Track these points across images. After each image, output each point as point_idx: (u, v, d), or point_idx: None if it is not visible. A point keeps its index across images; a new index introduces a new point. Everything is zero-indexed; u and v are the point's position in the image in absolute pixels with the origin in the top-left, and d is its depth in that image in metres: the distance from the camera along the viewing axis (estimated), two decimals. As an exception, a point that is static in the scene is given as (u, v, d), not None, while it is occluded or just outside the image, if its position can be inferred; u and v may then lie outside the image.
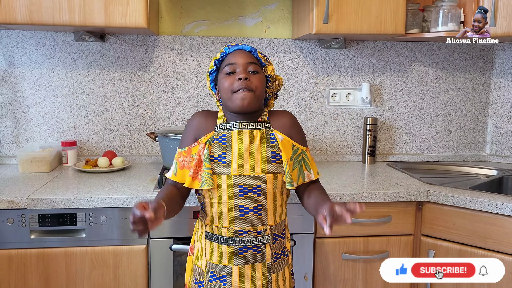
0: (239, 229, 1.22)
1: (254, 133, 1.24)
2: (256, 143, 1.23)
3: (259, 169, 1.21)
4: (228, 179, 1.21)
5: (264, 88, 1.27)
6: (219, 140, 1.24)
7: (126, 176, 1.89)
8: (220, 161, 1.22)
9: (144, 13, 1.76)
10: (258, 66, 1.25)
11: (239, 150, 1.22)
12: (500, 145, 2.35)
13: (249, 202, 1.21)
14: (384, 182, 1.86)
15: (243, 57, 1.24)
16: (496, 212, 1.59)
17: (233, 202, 1.21)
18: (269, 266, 1.26)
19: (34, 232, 1.58)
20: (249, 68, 1.23)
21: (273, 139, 1.25)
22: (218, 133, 1.25)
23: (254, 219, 1.22)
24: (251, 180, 1.21)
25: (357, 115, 2.31)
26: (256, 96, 1.22)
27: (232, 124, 1.25)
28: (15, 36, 2.05)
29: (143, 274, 1.63)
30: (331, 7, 1.86)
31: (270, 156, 1.23)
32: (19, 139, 2.11)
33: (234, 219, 1.22)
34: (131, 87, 2.14)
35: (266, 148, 1.23)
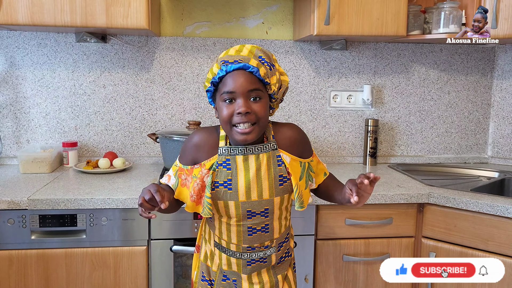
0: (247, 246, 1.22)
1: (260, 157, 1.17)
2: (263, 168, 1.17)
3: (267, 194, 1.18)
4: (235, 205, 1.17)
5: (268, 112, 1.16)
6: (224, 166, 1.17)
7: (127, 177, 1.89)
8: (225, 187, 1.17)
9: (145, 14, 1.76)
10: (260, 91, 1.12)
11: (246, 177, 1.16)
12: (502, 147, 2.35)
13: (257, 223, 1.20)
14: (385, 184, 1.86)
15: (243, 82, 1.09)
16: (498, 214, 1.59)
17: (241, 224, 1.20)
18: (274, 269, 1.28)
19: (35, 232, 1.58)
20: (251, 96, 1.11)
21: (280, 162, 1.19)
22: (222, 158, 1.18)
23: (262, 236, 1.22)
24: (259, 204, 1.18)
25: (358, 116, 2.30)
26: (260, 126, 1.13)
27: (236, 149, 1.17)
28: (17, 37, 2.05)
29: (144, 275, 1.63)
30: (332, 9, 1.86)
31: (277, 179, 1.18)
32: (20, 140, 2.11)
33: (243, 238, 1.21)
34: (132, 88, 2.14)
35: (273, 172, 1.18)
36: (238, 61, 1.09)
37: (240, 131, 1.11)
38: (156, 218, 1.62)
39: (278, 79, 1.15)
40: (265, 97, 1.13)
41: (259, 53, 1.12)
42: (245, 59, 1.10)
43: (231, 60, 1.10)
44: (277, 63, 1.18)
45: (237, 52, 1.11)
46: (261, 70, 1.10)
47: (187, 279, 1.71)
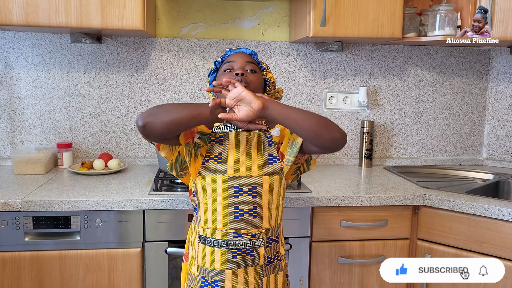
0: (233, 231, 1.18)
1: (251, 134, 1.24)
2: (253, 144, 1.24)
3: (255, 170, 1.21)
4: (223, 179, 1.19)
5: (261, 88, 1.28)
6: (216, 141, 1.24)
7: (122, 178, 1.88)
8: (215, 161, 1.21)
9: (141, 15, 1.76)
10: (256, 67, 1.27)
11: (236, 151, 1.22)
12: (497, 149, 2.35)
13: (244, 204, 1.19)
14: (381, 185, 1.86)
15: (242, 57, 1.27)
16: (492, 217, 1.59)
17: (227, 203, 1.19)
18: (261, 269, 1.23)
19: (28, 234, 1.57)
20: (247, 67, 1.25)
21: (270, 141, 1.25)
22: (215, 134, 1.25)
23: (249, 221, 1.19)
24: (247, 181, 1.19)
25: (354, 118, 2.30)
26: (251, 90, 1.17)
27: (229, 126, 1.25)
28: (11, 37, 2.04)
29: (138, 277, 1.62)
30: (328, 11, 1.86)
31: (267, 157, 1.23)
32: (14, 141, 2.10)
33: (229, 221, 1.19)
34: (127, 89, 2.14)
35: (263, 150, 1.23)
36: (239, 48, 1.31)
37: None
38: (151, 220, 1.61)
39: (273, 77, 1.31)
40: (259, 74, 1.27)
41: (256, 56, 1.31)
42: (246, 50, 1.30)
43: (234, 48, 1.30)
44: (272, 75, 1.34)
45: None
46: (259, 58, 1.29)
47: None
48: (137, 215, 1.61)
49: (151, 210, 1.61)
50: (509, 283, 1.57)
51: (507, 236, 1.58)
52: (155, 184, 1.74)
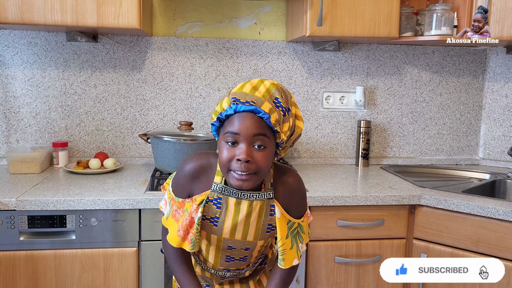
0: (223, 268, 1.22)
1: (253, 204, 1.10)
2: (254, 215, 1.11)
3: (252, 236, 1.13)
4: (218, 239, 1.14)
5: (271, 162, 1.06)
6: (214, 203, 1.10)
7: (118, 177, 1.87)
8: (211, 222, 1.12)
9: (137, 14, 1.75)
10: (267, 138, 1.01)
11: (234, 219, 1.10)
12: (493, 149, 2.36)
13: (236, 255, 1.18)
14: (377, 185, 1.86)
15: (250, 126, 0.99)
16: (488, 216, 1.59)
17: (220, 253, 1.18)
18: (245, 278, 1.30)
19: (23, 234, 1.56)
20: (255, 143, 1.01)
21: (272, 211, 1.12)
22: (214, 194, 1.10)
23: (239, 263, 1.21)
24: (241, 244, 1.15)
25: (350, 118, 2.30)
26: (259, 176, 1.04)
27: (231, 191, 1.09)
28: (7, 35, 2.03)
29: (134, 276, 1.62)
30: (325, 10, 1.85)
31: (265, 227, 1.13)
32: (9, 140, 2.09)
33: (219, 263, 1.20)
34: (123, 88, 2.13)
35: (263, 221, 1.12)
36: (250, 102, 0.99)
37: (237, 177, 1.02)
38: (147, 220, 1.61)
39: (290, 126, 1.04)
40: (270, 146, 1.03)
41: (276, 94, 1.01)
42: (258, 102, 0.99)
43: (243, 99, 0.99)
44: (294, 106, 1.07)
45: (253, 89, 1.01)
46: (273, 117, 1.00)
47: (178, 281, 1.70)
48: (133, 214, 1.60)
49: (147, 209, 1.60)
50: (505, 282, 1.57)
51: (503, 236, 1.58)
52: (151, 183, 1.73)
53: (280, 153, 1.10)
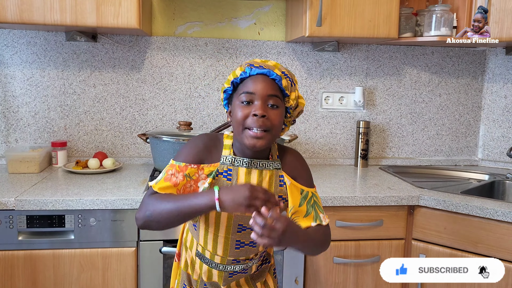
0: (232, 258, 1.18)
1: (263, 173, 1.13)
2: (264, 185, 1.13)
3: None
4: (228, 217, 1.13)
5: (282, 124, 1.13)
6: (224, 175, 1.12)
7: (117, 177, 1.87)
8: None
9: (136, 13, 1.75)
10: (279, 99, 1.09)
11: None
12: (492, 149, 2.36)
13: (246, 238, 1.15)
14: (376, 186, 1.86)
15: (265, 87, 1.07)
16: (487, 217, 1.59)
17: (230, 237, 1.15)
18: (252, 277, 1.27)
19: (22, 233, 1.56)
20: (269, 102, 1.07)
21: (282, 182, 1.15)
22: (224, 167, 1.12)
23: (249, 250, 1.19)
24: None
25: (350, 118, 2.30)
26: (272, 135, 1.09)
27: (241, 161, 1.12)
28: (6, 35, 2.03)
29: (133, 276, 1.62)
30: (324, 10, 1.85)
31: None
32: (8, 139, 2.09)
33: (229, 251, 1.17)
34: (122, 87, 2.13)
35: (274, 192, 1.14)
36: (263, 66, 1.08)
37: (252, 134, 1.06)
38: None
39: (296, 97, 1.12)
40: (282, 107, 1.10)
41: (282, 68, 1.11)
42: (270, 67, 1.09)
43: (256, 64, 1.09)
44: (297, 84, 1.15)
45: (263, 61, 1.11)
46: (284, 81, 1.08)
47: (176, 281, 1.70)
48: (132, 214, 1.60)
49: (146, 209, 1.60)
50: (504, 283, 1.57)
51: (501, 237, 1.58)
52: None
53: (287, 123, 1.16)
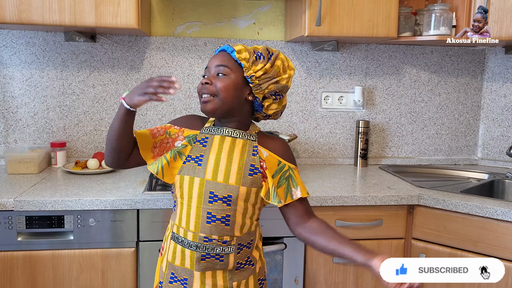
0: (204, 235, 1.18)
1: (236, 141, 1.21)
2: (236, 151, 1.20)
3: (234, 178, 1.17)
4: (200, 182, 1.17)
5: (235, 91, 1.18)
6: (200, 142, 1.22)
7: (116, 178, 1.87)
8: (196, 162, 1.19)
9: (135, 13, 1.75)
10: (228, 68, 1.17)
11: (217, 155, 1.19)
12: (492, 149, 2.36)
13: (218, 211, 1.17)
14: (376, 185, 1.86)
15: (216, 59, 1.20)
16: (487, 216, 1.59)
17: (201, 207, 1.17)
18: (231, 274, 1.22)
19: (21, 234, 1.56)
20: (218, 71, 1.18)
21: (255, 152, 1.21)
22: (202, 135, 1.23)
23: (221, 228, 1.18)
24: (223, 188, 1.16)
25: (349, 118, 2.30)
26: (220, 100, 1.17)
27: (216, 129, 1.23)
28: (5, 35, 2.02)
29: (132, 277, 1.62)
30: (323, 10, 1.85)
31: (247, 168, 1.18)
32: (7, 140, 2.08)
33: (201, 225, 1.18)
34: (122, 88, 2.12)
35: (245, 159, 1.19)
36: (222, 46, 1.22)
37: (201, 99, 1.19)
38: (146, 219, 1.60)
39: (266, 68, 1.18)
40: (233, 75, 1.18)
41: (263, 50, 1.20)
42: (234, 45, 1.20)
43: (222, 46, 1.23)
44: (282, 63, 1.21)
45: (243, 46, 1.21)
46: (241, 54, 1.18)
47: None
48: (131, 214, 1.60)
49: (145, 209, 1.60)
50: (503, 282, 1.57)
51: (501, 236, 1.58)
52: (149, 184, 1.73)
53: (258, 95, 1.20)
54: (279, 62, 1.20)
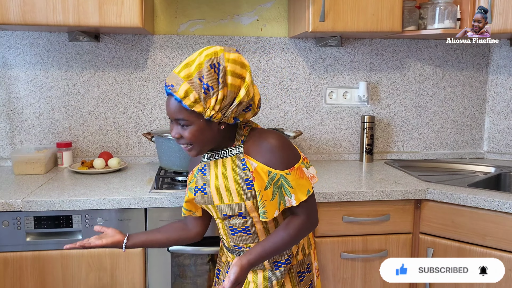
0: (233, 244, 1.29)
1: (226, 161, 1.22)
2: (229, 171, 1.20)
3: (236, 197, 1.20)
4: (213, 208, 1.25)
5: (205, 133, 1.14)
6: (202, 172, 1.26)
7: (122, 177, 1.87)
8: (202, 191, 1.25)
9: (139, 12, 1.75)
10: (186, 120, 1.12)
11: (215, 180, 1.22)
12: (497, 142, 2.35)
13: (237, 224, 1.25)
14: (382, 180, 1.85)
15: (171, 111, 1.13)
16: (495, 210, 1.59)
17: (224, 223, 1.27)
18: (270, 273, 1.29)
19: (30, 234, 1.56)
20: (180, 122, 1.14)
21: (244, 165, 1.18)
22: (202, 164, 1.28)
23: (245, 238, 1.27)
24: (232, 208, 1.21)
25: (354, 113, 2.30)
26: (198, 145, 1.16)
27: (206, 155, 1.26)
28: (9, 36, 2.03)
29: (141, 276, 1.62)
30: (327, 5, 1.85)
31: (243, 183, 1.18)
32: (13, 141, 2.09)
33: (229, 236, 1.29)
34: (126, 87, 2.12)
35: (238, 175, 1.19)
36: (169, 86, 1.10)
37: (183, 148, 1.20)
38: (153, 218, 1.61)
39: (220, 99, 1.09)
40: (195, 122, 1.12)
41: (205, 68, 1.07)
42: (176, 85, 1.08)
43: (167, 82, 1.11)
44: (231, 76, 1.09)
45: (185, 66, 1.10)
46: (188, 99, 1.08)
47: (184, 279, 1.70)
48: (139, 213, 1.60)
49: (153, 208, 1.60)
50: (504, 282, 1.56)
51: (510, 229, 1.58)
52: (156, 182, 1.73)
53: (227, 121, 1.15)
54: (230, 78, 1.09)
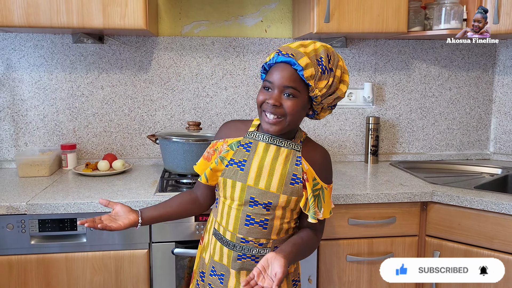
0: (241, 236, 1.22)
1: (281, 150, 1.20)
2: (280, 160, 1.19)
3: (275, 186, 1.18)
4: (242, 187, 1.20)
5: (301, 111, 1.16)
6: (244, 147, 1.22)
7: (127, 179, 1.87)
8: (238, 167, 1.21)
9: (143, 14, 1.74)
10: (297, 90, 1.12)
11: (260, 162, 1.19)
12: (504, 143, 2.33)
13: (257, 215, 1.20)
14: (388, 182, 1.84)
15: (282, 77, 1.11)
16: (502, 212, 1.57)
17: (241, 210, 1.21)
18: None
19: (34, 237, 1.56)
20: (286, 92, 1.12)
21: (298, 162, 1.20)
22: (246, 140, 1.23)
23: (258, 231, 1.21)
24: (264, 195, 1.19)
25: (359, 114, 2.28)
26: (288, 121, 1.15)
27: (262, 135, 1.22)
28: (13, 38, 2.03)
29: (145, 278, 1.61)
30: (332, 6, 1.83)
31: (290, 176, 1.19)
32: (18, 143, 2.09)
33: (239, 227, 1.22)
34: (130, 89, 2.12)
35: (288, 168, 1.19)
36: (289, 55, 1.11)
37: (266, 120, 1.15)
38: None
39: (329, 85, 1.14)
40: (301, 97, 1.14)
41: (322, 54, 1.13)
42: (297, 55, 1.10)
43: (284, 51, 1.12)
44: (341, 70, 1.17)
45: (300, 46, 1.14)
46: (308, 71, 1.10)
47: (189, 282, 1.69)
48: (143, 216, 1.59)
49: (157, 211, 1.59)
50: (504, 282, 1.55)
51: (517, 232, 1.56)
52: (160, 185, 1.72)
53: (317, 109, 1.19)
54: (339, 72, 1.16)
